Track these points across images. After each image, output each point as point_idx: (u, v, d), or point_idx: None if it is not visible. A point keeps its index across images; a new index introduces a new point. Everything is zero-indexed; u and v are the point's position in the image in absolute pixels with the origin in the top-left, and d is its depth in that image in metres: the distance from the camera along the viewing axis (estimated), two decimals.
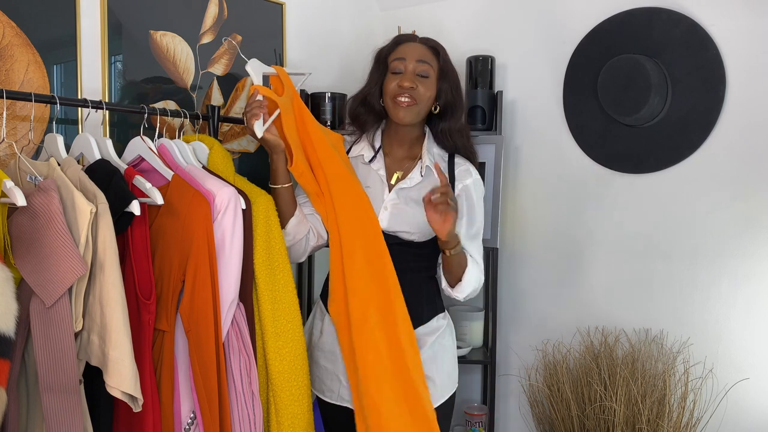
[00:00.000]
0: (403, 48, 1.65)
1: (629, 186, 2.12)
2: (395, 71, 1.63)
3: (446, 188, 1.48)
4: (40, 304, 1.18)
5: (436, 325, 1.70)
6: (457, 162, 1.72)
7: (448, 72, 1.66)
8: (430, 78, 1.63)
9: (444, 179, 1.51)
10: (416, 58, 1.62)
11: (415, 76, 1.62)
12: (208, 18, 1.96)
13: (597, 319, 2.19)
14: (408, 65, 1.62)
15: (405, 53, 1.64)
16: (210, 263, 1.40)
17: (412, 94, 1.60)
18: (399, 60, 1.63)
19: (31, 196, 1.20)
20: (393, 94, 1.62)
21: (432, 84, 1.64)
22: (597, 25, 2.14)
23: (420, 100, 1.62)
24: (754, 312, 1.93)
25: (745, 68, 1.92)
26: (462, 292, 1.65)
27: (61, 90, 1.63)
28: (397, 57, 1.63)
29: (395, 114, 1.63)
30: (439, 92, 1.66)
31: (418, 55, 1.63)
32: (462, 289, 1.64)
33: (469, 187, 1.69)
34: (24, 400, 1.24)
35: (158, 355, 1.40)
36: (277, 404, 1.54)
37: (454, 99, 1.67)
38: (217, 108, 1.79)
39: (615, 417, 1.92)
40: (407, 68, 1.62)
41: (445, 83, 1.66)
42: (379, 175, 1.69)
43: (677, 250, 2.04)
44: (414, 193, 1.66)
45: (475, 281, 1.65)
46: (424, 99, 1.63)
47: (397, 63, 1.63)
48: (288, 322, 1.55)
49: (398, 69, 1.63)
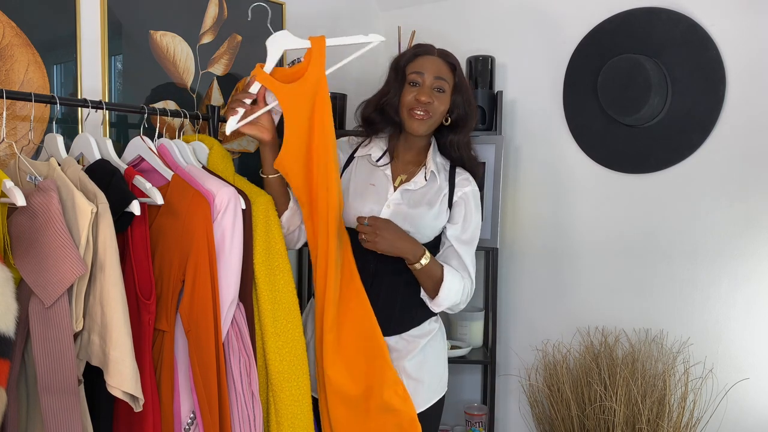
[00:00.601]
0: (422, 61, 1.68)
1: (629, 186, 2.12)
2: (413, 83, 1.67)
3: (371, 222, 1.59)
4: (40, 305, 1.18)
5: (428, 328, 1.72)
6: (458, 171, 1.76)
7: (462, 86, 1.71)
8: (446, 93, 1.67)
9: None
10: (434, 74, 1.66)
11: (432, 90, 1.65)
12: (208, 18, 1.96)
13: (597, 319, 2.19)
14: (426, 79, 1.66)
15: (423, 67, 1.67)
16: (210, 263, 1.40)
17: (428, 108, 1.65)
18: (417, 73, 1.66)
19: (30, 196, 1.20)
20: (409, 106, 1.66)
21: (447, 98, 1.68)
22: (597, 25, 2.14)
23: (435, 114, 1.66)
24: (754, 312, 1.93)
25: (745, 68, 1.92)
26: (438, 305, 1.66)
27: (61, 90, 1.63)
28: (416, 70, 1.66)
29: (410, 125, 1.67)
30: (453, 106, 1.70)
31: (435, 71, 1.66)
32: (438, 302, 1.65)
33: (467, 195, 1.73)
34: (24, 400, 1.24)
35: (158, 355, 1.40)
36: (277, 404, 1.54)
37: (467, 113, 1.72)
38: (217, 108, 1.79)
39: (615, 417, 1.92)
40: (425, 82, 1.66)
41: (459, 97, 1.70)
42: (386, 174, 1.72)
43: (677, 250, 2.04)
44: (417, 196, 1.69)
45: (454, 294, 1.65)
46: (438, 113, 1.67)
47: (415, 76, 1.66)
48: (288, 323, 1.55)
49: (416, 81, 1.66)
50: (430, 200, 1.69)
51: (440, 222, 1.69)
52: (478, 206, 1.75)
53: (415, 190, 1.70)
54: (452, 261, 1.69)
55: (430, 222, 1.67)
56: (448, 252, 1.70)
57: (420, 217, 1.66)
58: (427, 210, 1.67)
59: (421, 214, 1.66)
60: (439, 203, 1.69)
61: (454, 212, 1.71)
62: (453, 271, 1.65)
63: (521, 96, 2.33)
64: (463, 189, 1.73)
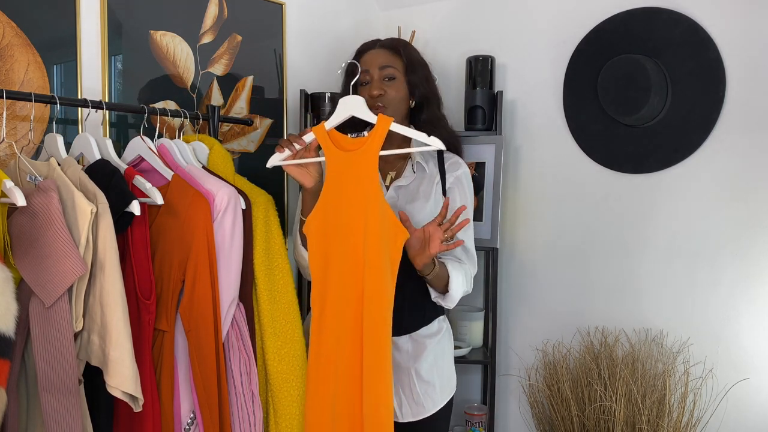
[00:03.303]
0: (365, 58, 1.69)
1: (629, 186, 2.12)
2: (363, 83, 1.67)
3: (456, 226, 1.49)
4: (40, 304, 1.18)
5: (438, 327, 1.71)
6: (446, 156, 1.74)
7: (416, 65, 1.69)
8: (397, 79, 1.67)
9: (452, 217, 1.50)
10: (378, 65, 1.66)
11: (382, 81, 1.65)
12: (208, 18, 1.96)
13: (597, 319, 2.19)
14: (373, 74, 1.66)
15: (368, 63, 1.67)
16: (210, 263, 1.40)
17: (382, 100, 1.64)
18: (364, 72, 1.66)
19: (30, 196, 1.20)
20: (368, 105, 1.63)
21: (400, 84, 1.67)
22: (597, 25, 2.14)
23: (391, 103, 1.65)
24: (754, 312, 1.93)
25: (745, 68, 1.92)
26: (452, 300, 1.63)
27: (61, 90, 1.63)
28: (362, 69, 1.66)
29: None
30: (412, 87, 1.69)
31: (379, 62, 1.66)
32: (452, 297, 1.62)
33: (460, 178, 1.71)
34: (24, 400, 1.24)
35: (158, 355, 1.40)
36: (276, 405, 1.54)
37: (426, 90, 1.70)
38: (217, 108, 1.79)
39: (615, 417, 1.92)
40: (373, 77, 1.66)
41: (414, 76, 1.68)
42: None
43: (677, 250, 2.04)
44: (411, 191, 1.68)
45: (462, 286, 1.62)
46: (396, 101, 1.66)
47: (363, 75, 1.67)
48: (287, 323, 1.55)
49: (365, 80, 1.67)
50: (425, 192, 1.67)
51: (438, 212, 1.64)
52: (470, 187, 1.74)
53: (407, 184, 1.69)
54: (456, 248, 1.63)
55: (430, 215, 1.64)
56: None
57: (419, 211, 1.64)
58: (424, 203, 1.65)
59: (419, 208, 1.65)
60: (434, 194, 1.67)
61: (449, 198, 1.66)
62: (455, 264, 1.62)
63: (521, 96, 2.32)
64: (454, 173, 1.71)
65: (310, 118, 2.21)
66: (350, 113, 1.50)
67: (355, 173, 1.45)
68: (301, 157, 1.52)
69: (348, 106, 1.50)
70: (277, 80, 2.21)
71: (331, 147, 1.47)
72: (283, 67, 2.22)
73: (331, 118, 1.51)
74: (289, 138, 1.52)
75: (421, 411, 1.65)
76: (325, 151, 1.48)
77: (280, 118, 2.23)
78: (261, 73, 2.14)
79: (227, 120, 1.93)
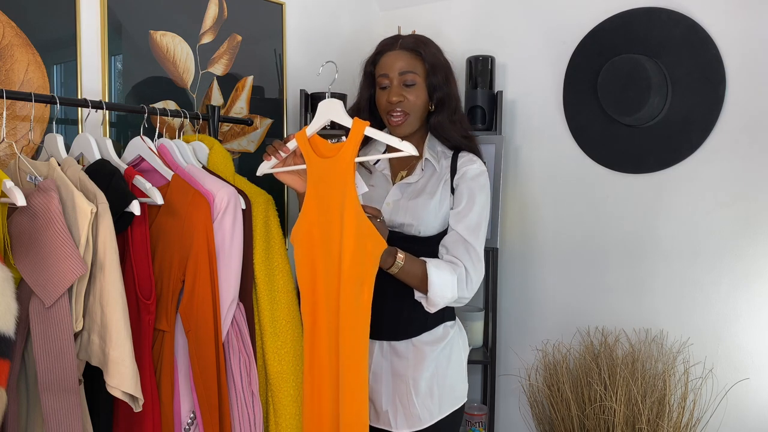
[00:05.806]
0: (385, 60, 1.63)
1: (629, 186, 2.12)
2: (382, 86, 1.63)
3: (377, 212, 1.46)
4: (40, 304, 1.18)
5: (442, 333, 1.63)
6: (461, 155, 1.67)
7: (437, 67, 1.63)
8: (417, 84, 1.61)
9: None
10: (398, 70, 1.60)
11: (402, 87, 1.61)
12: (208, 18, 1.97)
13: (597, 319, 2.19)
14: (393, 79, 1.61)
15: (387, 67, 1.62)
16: (210, 263, 1.40)
17: (402, 107, 1.60)
18: (383, 76, 1.62)
19: (30, 196, 1.20)
20: (385, 110, 1.63)
21: (421, 89, 1.62)
22: (597, 25, 2.14)
23: (411, 110, 1.61)
24: (754, 312, 1.93)
25: (745, 68, 1.92)
26: (433, 304, 1.53)
27: (61, 90, 1.63)
28: (381, 72, 1.62)
29: (393, 130, 1.64)
30: (432, 89, 1.63)
31: (400, 66, 1.61)
32: (432, 301, 1.52)
33: (466, 174, 1.63)
34: (24, 400, 1.24)
35: (158, 355, 1.40)
36: (276, 405, 1.54)
37: (445, 92, 1.64)
38: (217, 108, 1.79)
39: (615, 417, 1.92)
40: (392, 82, 1.61)
41: (436, 78, 1.63)
42: (384, 174, 1.70)
43: (677, 250, 2.04)
44: (417, 188, 1.64)
45: (447, 289, 1.52)
46: (416, 107, 1.62)
47: (382, 79, 1.62)
48: (287, 323, 1.55)
49: (384, 84, 1.63)
50: (431, 189, 1.62)
51: (444, 209, 1.60)
52: (481, 186, 1.62)
53: (414, 182, 1.65)
54: (458, 248, 1.56)
55: (434, 210, 1.59)
56: (450, 238, 1.59)
57: (422, 206, 1.58)
58: (428, 199, 1.60)
59: (422, 204, 1.59)
60: (440, 191, 1.61)
61: (455, 196, 1.61)
62: (439, 264, 1.52)
63: (521, 96, 2.33)
64: (462, 170, 1.64)
65: (310, 118, 2.21)
66: (328, 118, 1.48)
67: (331, 180, 1.42)
68: (288, 164, 1.51)
69: (327, 110, 1.48)
70: (277, 80, 2.21)
71: (310, 154, 1.45)
72: (283, 67, 2.22)
73: (311, 123, 1.49)
74: (274, 145, 1.51)
75: (416, 423, 1.58)
76: (306, 158, 1.46)
77: (280, 118, 2.23)
78: (261, 73, 2.14)
79: (227, 120, 1.93)
